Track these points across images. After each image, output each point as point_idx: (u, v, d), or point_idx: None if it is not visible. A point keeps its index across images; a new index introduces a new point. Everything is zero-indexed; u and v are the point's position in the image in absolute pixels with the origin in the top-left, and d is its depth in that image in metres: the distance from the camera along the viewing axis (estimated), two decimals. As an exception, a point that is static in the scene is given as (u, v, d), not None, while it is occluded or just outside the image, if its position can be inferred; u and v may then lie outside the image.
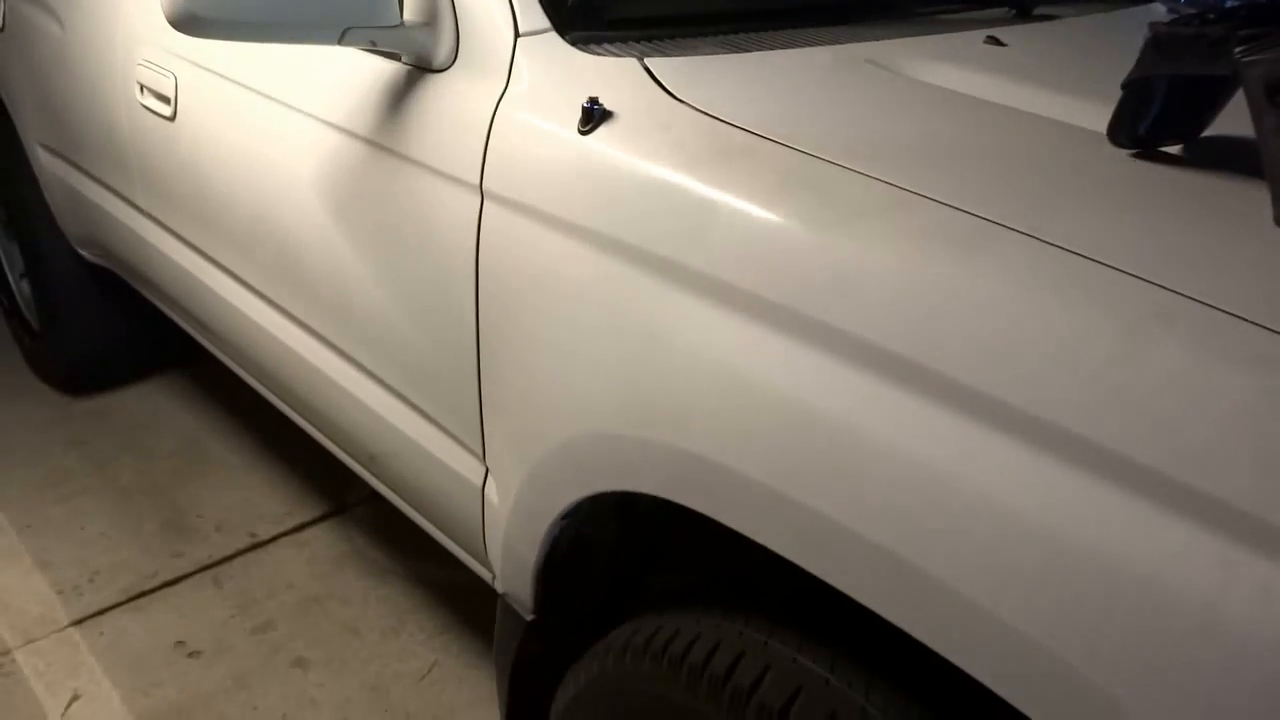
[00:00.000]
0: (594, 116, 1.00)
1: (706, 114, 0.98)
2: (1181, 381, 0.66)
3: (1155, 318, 0.69)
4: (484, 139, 1.09)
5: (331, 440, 1.63)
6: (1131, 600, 0.65)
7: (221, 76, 1.51)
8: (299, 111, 1.35)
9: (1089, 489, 0.67)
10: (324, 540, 2.19)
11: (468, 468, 1.25)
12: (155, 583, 2.04)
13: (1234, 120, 0.87)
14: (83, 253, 2.28)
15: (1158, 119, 0.89)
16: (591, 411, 1.00)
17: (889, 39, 1.20)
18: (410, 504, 1.47)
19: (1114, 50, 1.27)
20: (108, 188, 1.97)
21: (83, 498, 2.29)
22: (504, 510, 1.18)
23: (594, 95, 1.00)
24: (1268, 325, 0.66)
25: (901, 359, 0.76)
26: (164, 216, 1.79)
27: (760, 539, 0.86)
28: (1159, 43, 0.83)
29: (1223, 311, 0.68)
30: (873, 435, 0.77)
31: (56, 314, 2.45)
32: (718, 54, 1.11)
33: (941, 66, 1.11)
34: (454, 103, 1.14)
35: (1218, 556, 0.62)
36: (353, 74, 1.27)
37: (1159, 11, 1.61)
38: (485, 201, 1.09)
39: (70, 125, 2.02)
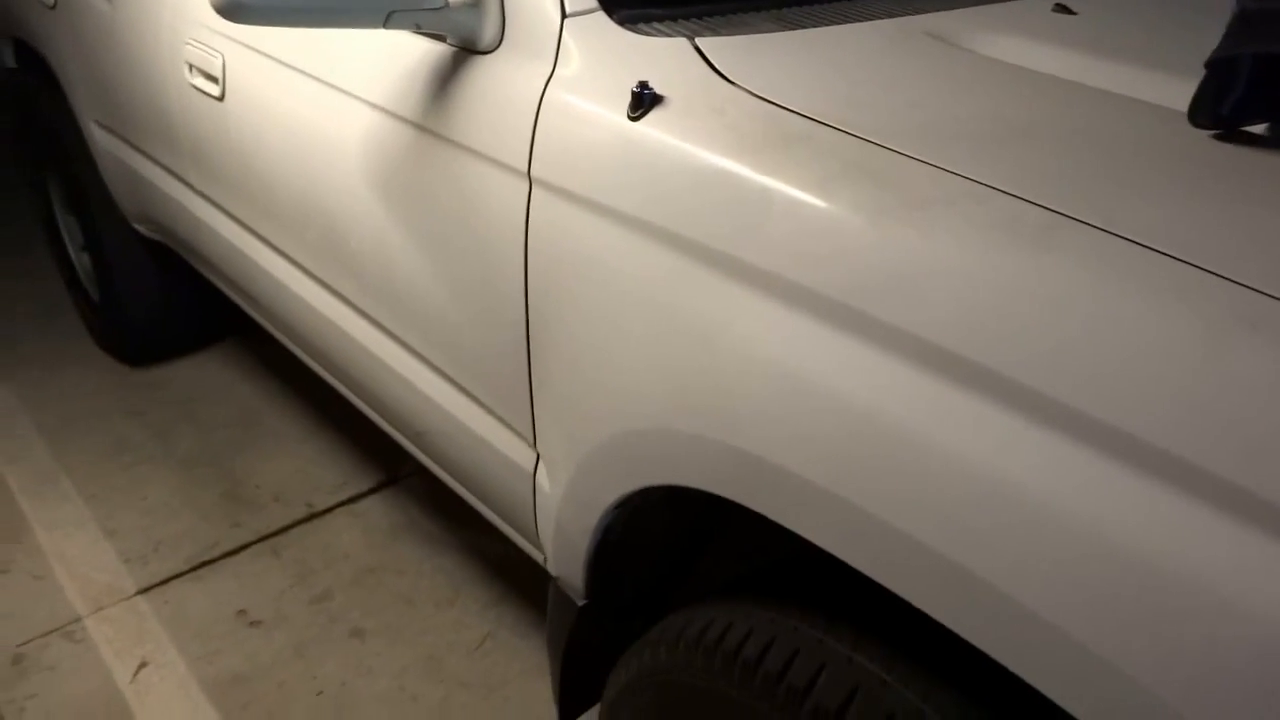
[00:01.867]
0: (644, 101, 0.97)
1: (761, 98, 0.94)
2: (1266, 394, 0.62)
3: (1239, 322, 0.65)
4: (531, 124, 1.07)
5: (380, 416, 1.64)
6: (1206, 623, 0.62)
7: (268, 57, 1.50)
8: (345, 93, 1.33)
9: (1168, 503, 0.64)
10: (379, 511, 2.21)
11: (519, 453, 1.25)
12: (216, 552, 2.09)
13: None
14: (138, 228, 2.31)
15: (1242, 98, 0.84)
16: (643, 405, 0.98)
17: (949, 9, 1.15)
18: (460, 482, 1.48)
19: (1193, 17, 1.20)
20: (161, 165, 1.99)
21: (144, 467, 2.34)
22: (555, 497, 1.18)
23: (644, 79, 0.97)
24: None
25: (964, 360, 0.74)
26: (216, 195, 1.80)
27: (812, 538, 0.85)
28: (1248, 19, 0.78)
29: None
30: (932, 439, 0.74)
31: (114, 287, 2.50)
32: (770, 31, 1.07)
33: (1007, 39, 1.06)
34: (500, 86, 1.11)
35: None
36: (399, 56, 1.25)
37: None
38: (534, 188, 1.07)
39: (122, 103, 2.03)
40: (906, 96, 0.95)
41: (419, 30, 1.14)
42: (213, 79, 1.63)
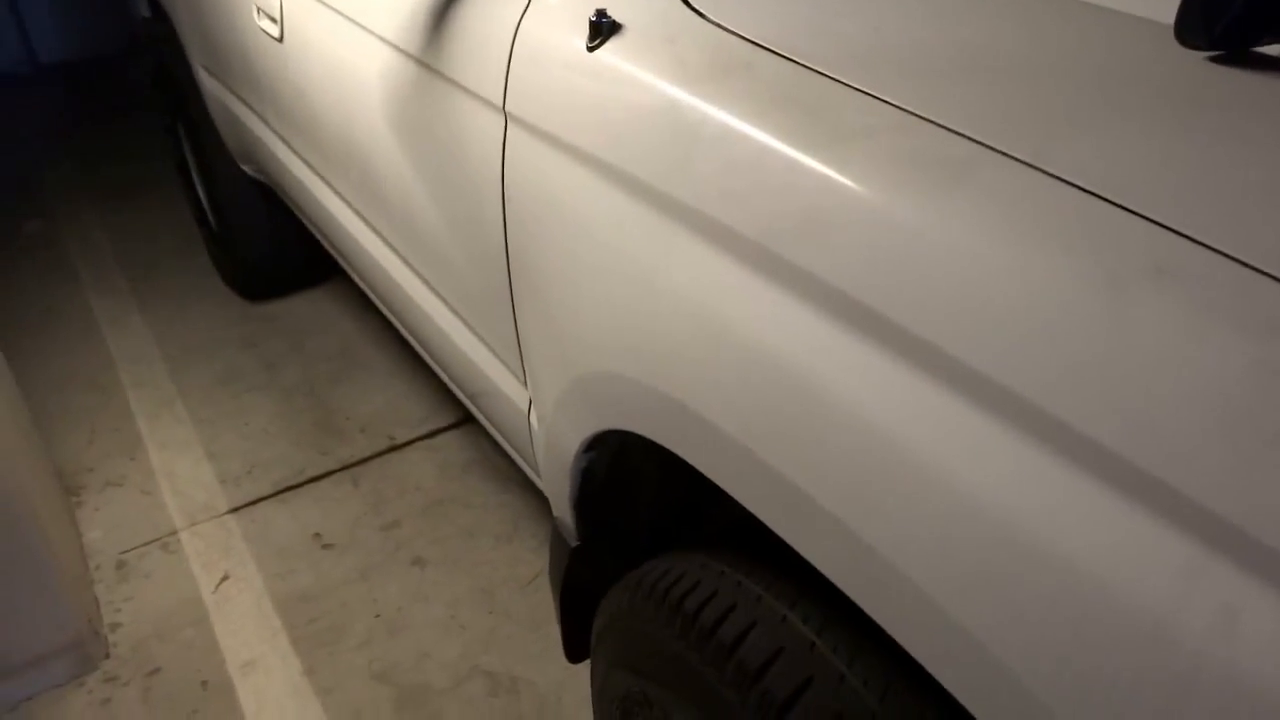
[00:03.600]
0: (602, 30, 0.93)
1: (719, 25, 0.89)
2: (1162, 355, 0.54)
3: (1146, 273, 0.57)
4: (506, 58, 1.05)
5: (425, 352, 1.67)
6: (1080, 602, 0.55)
7: (313, -2, 1.53)
8: (368, 31, 1.35)
9: (1049, 470, 0.57)
10: (455, 446, 2.28)
11: (517, 392, 1.25)
12: (302, 478, 2.21)
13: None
14: (244, 168, 2.43)
15: (1241, 16, 0.72)
16: (597, 347, 0.96)
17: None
18: (482, 416, 1.50)
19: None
20: (250, 107, 2.08)
21: (251, 395, 2.49)
22: (542, 438, 1.17)
23: (602, 8, 0.93)
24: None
25: (863, 307, 0.68)
26: (287, 134, 1.87)
27: (727, 489, 0.81)
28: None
29: (1236, 261, 0.55)
30: (832, 392, 0.69)
31: (230, 226, 2.65)
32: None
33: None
34: (483, 19, 1.09)
35: (1183, 564, 0.52)
36: (409, -10, 1.25)
37: None
38: (509, 124, 1.05)
39: (218, 48, 2.13)
40: (870, 19, 0.87)
41: (413, -37, 1.13)
42: (274, 20, 1.68)
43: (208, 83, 2.32)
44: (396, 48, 1.27)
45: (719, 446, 0.80)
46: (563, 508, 1.19)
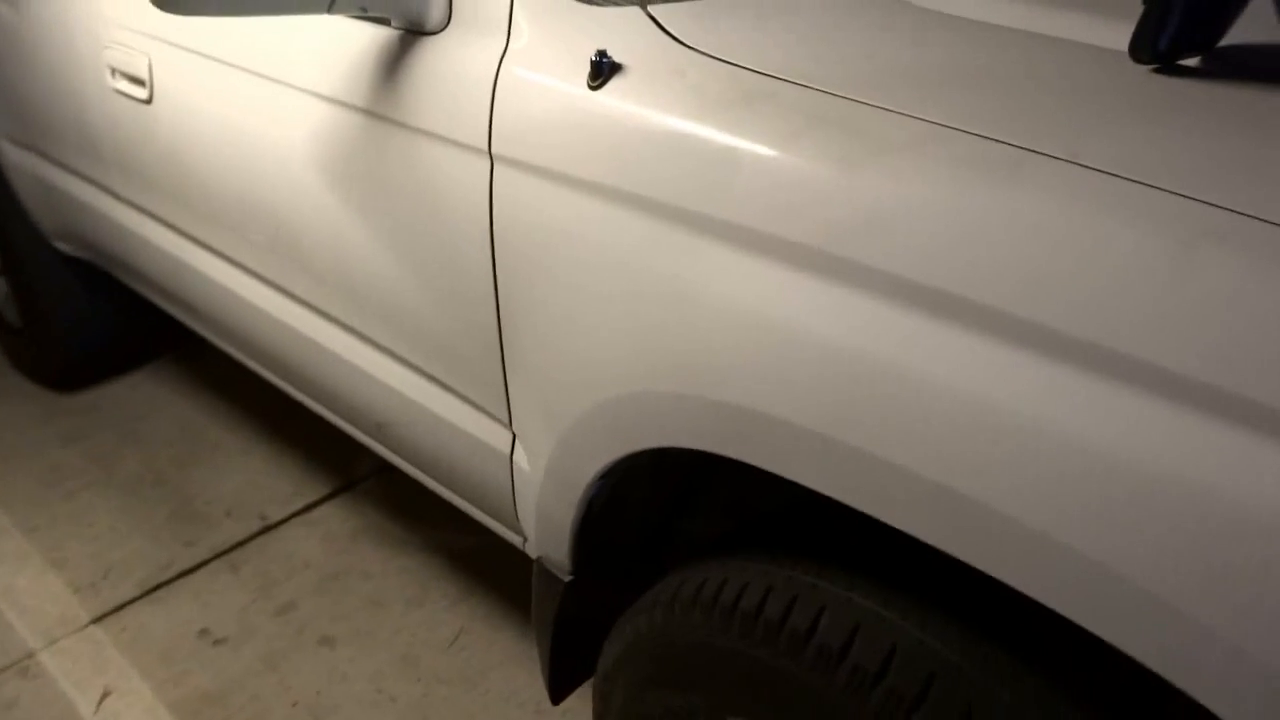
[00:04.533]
0: (603, 70, 0.98)
1: (721, 59, 0.96)
2: (1238, 298, 0.66)
3: (1206, 236, 0.69)
4: (489, 101, 1.07)
5: (338, 415, 1.61)
6: (1202, 519, 0.66)
7: (199, 54, 1.46)
8: (288, 86, 1.31)
9: (1151, 412, 0.68)
10: (336, 517, 2.18)
11: (494, 436, 1.25)
12: (171, 573, 2.03)
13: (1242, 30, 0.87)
14: (60, 246, 2.23)
15: (1177, 33, 0.88)
16: (625, 371, 0.99)
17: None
18: (429, 474, 1.47)
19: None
20: (82, 177, 1.92)
21: (86, 493, 2.26)
22: (536, 475, 1.18)
23: (601, 49, 0.98)
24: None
25: (944, 293, 0.76)
26: (146, 202, 1.75)
27: (806, 481, 0.87)
28: (1182, -45, 0.82)
29: (1272, 224, 0.68)
30: (920, 372, 0.77)
31: (37, 310, 2.41)
32: (723, -4, 1.09)
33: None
34: (453, 65, 1.11)
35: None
36: (342, 44, 1.24)
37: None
38: (495, 165, 1.07)
39: (36, 116, 1.96)
40: (860, 50, 0.98)
41: (364, 14, 1.13)
42: (139, 81, 1.58)
43: (16, 156, 2.12)
44: (333, 100, 1.25)
45: (793, 442, 0.85)
46: (556, 543, 1.20)
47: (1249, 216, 0.69)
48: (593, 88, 0.99)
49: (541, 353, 1.10)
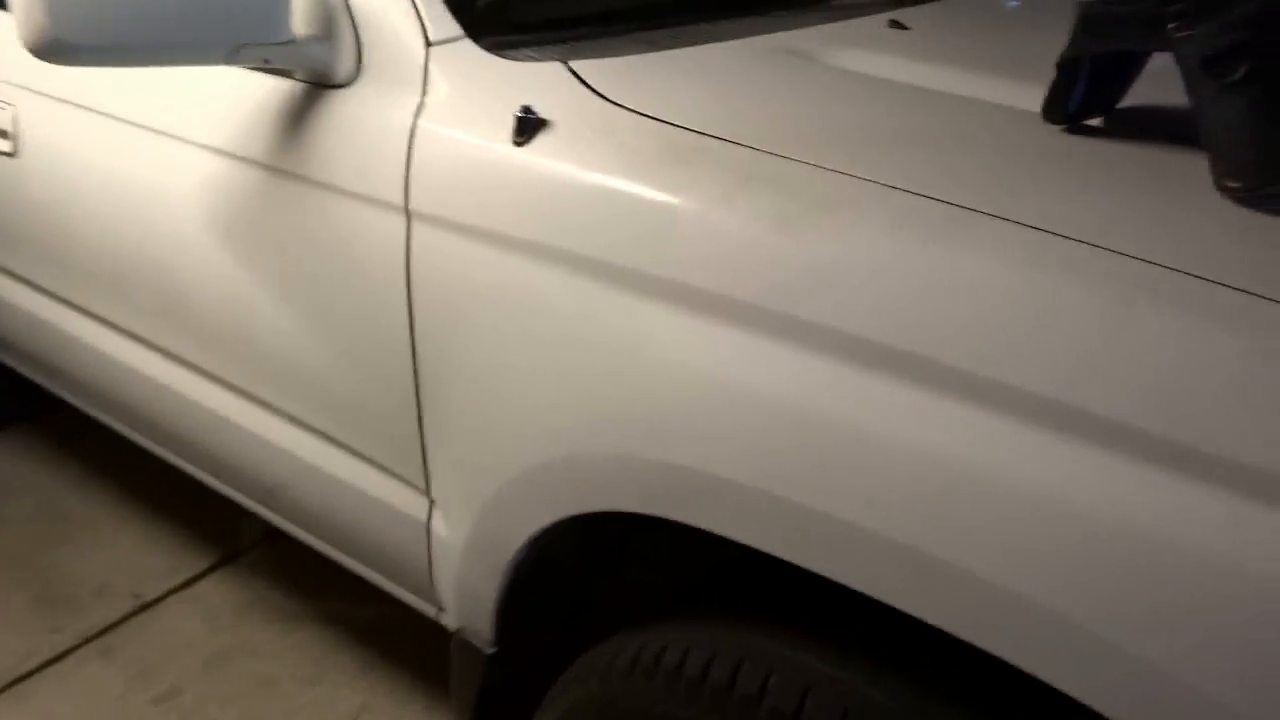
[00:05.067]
0: (529, 126, 0.96)
1: (648, 115, 0.95)
2: (1177, 348, 0.68)
3: (1140, 289, 0.71)
4: (404, 157, 1.03)
5: (227, 482, 1.51)
6: (1151, 565, 0.67)
7: (73, 104, 1.37)
8: (175, 139, 1.24)
9: (1096, 460, 0.69)
10: (219, 592, 2.04)
11: (408, 503, 1.19)
12: (34, 663, 1.86)
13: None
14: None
15: (1085, 95, 0.93)
16: (559, 433, 0.96)
17: (796, 28, 1.20)
18: (330, 542, 1.39)
19: (1009, 27, 1.32)
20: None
21: (-70, 582, 2.06)
22: (456, 543, 1.13)
23: (526, 104, 0.96)
24: (1246, 289, 0.69)
25: (891, 349, 0.77)
26: (8, 263, 1.62)
27: (752, 543, 0.85)
28: (1091, 21, 0.86)
29: (1197, 277, 0.71)
30: (870, 428, 0.77)
31: None
32: (639, 53, 1.09)
33: (859, 53, 1.13)
34: (364, 119, 1.07)
35: (1227, 513, 0.65)
36: (238, 95, 1.18)
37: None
38: (413, 222, 1.03)
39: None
40: (785, 108, 0.99)
41: (267, 65, 1.08)
42: (2, 134, 1.47)
43: None
44: (228, 155, 1.18)
45: (739, 502, 0.84)
46: (478, 613, 1.15)
47: (1172, 269, 0.72)
48: (518, 143, 0.96)
49: (464, 416, 1.05)
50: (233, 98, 1.19)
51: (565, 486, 0.97)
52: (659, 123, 0.94)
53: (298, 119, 1.12)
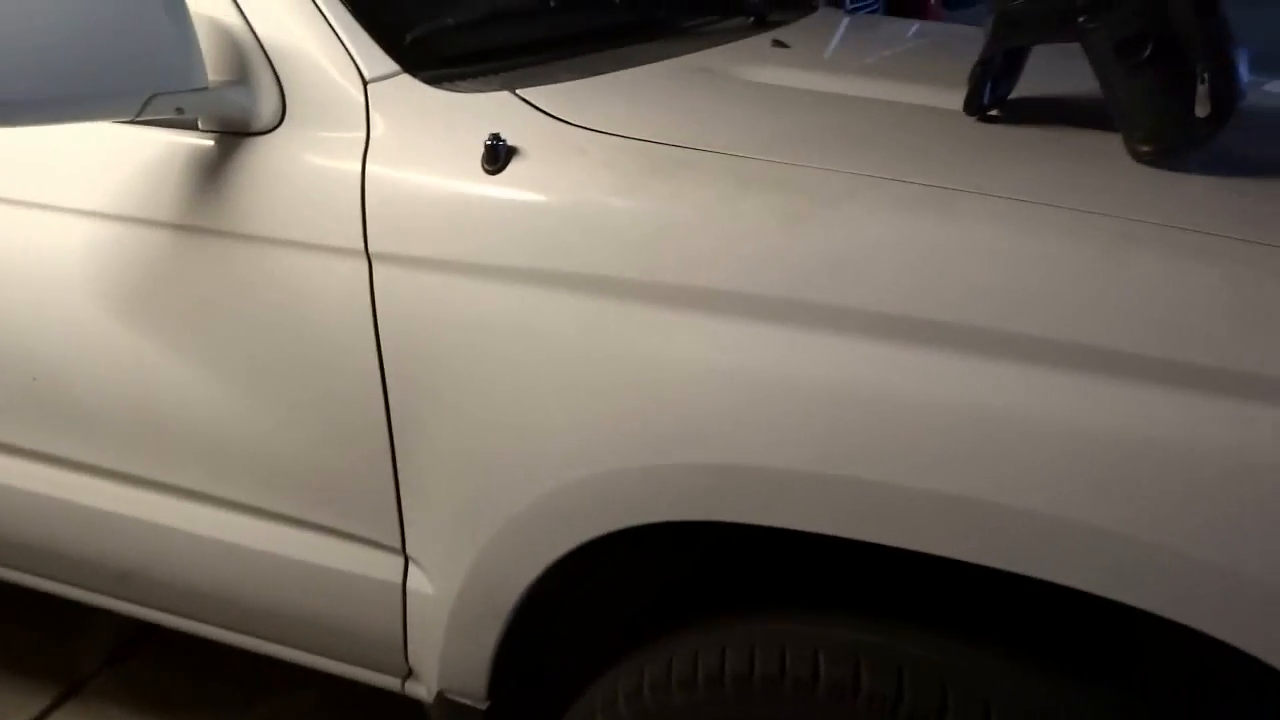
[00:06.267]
0: (500, 154, 0.95)
1: (616, 135, 0.97)
2: (1165, 283, 0.79)
3: (1122, 238, 0.82)
4: (358, 198, 0.98)
5: (113, 593, 1.34)
6: (1182, 470, 0.77)
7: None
8: (49, 208, 1.10)
9: (1116, 390, 0.79)
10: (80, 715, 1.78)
11: (378, 566, 1.12)
12: None
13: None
14: None
15: (992, 92, 1.05)
16: (574, 455, 0.95)
17: (695, 51, 1.26)
18: (267, 634, 1.26)
19: (870, 42, 1.46)
20: None
21: None
22: (446, 595, 1.07)
23: (495, 132, 0.95)
24: (1202, 230, 0.82)
25: (915, 319, 0.83)
26: None
27: (804, 526, 0.88)
28: (1009, 19, 0.98)
29: (1159, 225, 0.83)
30: (911, 395, 0.83)
31: None
32: (574, 79, 1.10)
33: (765, 69, 1.20)
34: (298, 164, 1.01)
35: (1234, 414, 0.76)
36: (125, 153, 1.07)
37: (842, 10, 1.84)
38: (375, 265, 0.98)
39: None
40: (734, 119, 1.04)
41: (179, 115, 0.99)
42: None
43: None
44: (121, 218, 1.07)
45: (789, 488, 0.87)
46: (470, 669, 1.10)
47: (1140, 220, 0.83)
48: (491, 173, 0.95)
49: (452, 457, 1.01)
50: (114, 157, 1.08)
51: (583, 510, 0.96)
52: (630, 140, 0.96)
53: (211, 172, 1.03)
